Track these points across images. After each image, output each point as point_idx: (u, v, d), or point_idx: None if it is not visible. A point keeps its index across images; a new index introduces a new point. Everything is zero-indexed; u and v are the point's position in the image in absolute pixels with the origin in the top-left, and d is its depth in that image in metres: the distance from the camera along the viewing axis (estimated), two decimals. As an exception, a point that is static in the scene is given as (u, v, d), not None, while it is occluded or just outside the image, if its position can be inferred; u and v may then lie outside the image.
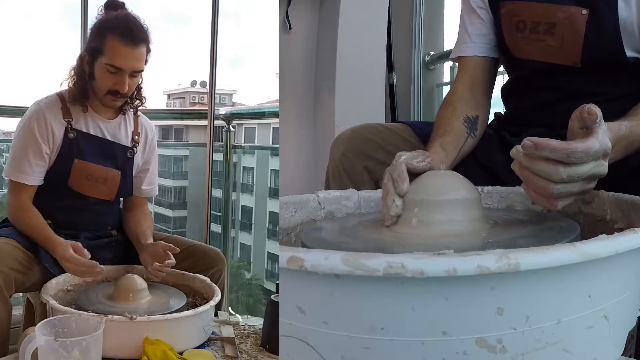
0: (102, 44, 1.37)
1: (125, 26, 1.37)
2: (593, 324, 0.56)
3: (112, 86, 1.39)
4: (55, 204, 1.43)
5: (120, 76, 1.38)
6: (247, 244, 3.96)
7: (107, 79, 1.39)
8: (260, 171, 3.70)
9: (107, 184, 1.46)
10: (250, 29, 9.41)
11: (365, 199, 1.04)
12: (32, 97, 1.47)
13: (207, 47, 2.22)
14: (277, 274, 2.73)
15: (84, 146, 1.43)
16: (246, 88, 10.95)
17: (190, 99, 10.87)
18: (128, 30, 1.37)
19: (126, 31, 1.37)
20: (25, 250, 1.32)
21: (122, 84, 1.38)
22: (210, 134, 2.25)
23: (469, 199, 0.78)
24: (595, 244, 0.53)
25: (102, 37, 1.38)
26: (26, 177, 1.39)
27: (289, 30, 2.24)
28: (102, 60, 1.37)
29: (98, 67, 1.39)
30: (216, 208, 2.41)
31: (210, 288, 1.37)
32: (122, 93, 1.40)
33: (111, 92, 1.40)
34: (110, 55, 1.37)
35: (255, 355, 1.20)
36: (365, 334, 0.53)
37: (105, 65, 1.37)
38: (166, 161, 6.10)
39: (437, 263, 0.49)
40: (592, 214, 0.88)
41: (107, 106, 1.45)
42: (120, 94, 1.40)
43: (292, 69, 2.27)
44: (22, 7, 8.37)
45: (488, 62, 1.24)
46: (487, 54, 1.24)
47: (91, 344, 0.97)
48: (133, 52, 1.37)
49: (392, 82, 2.40)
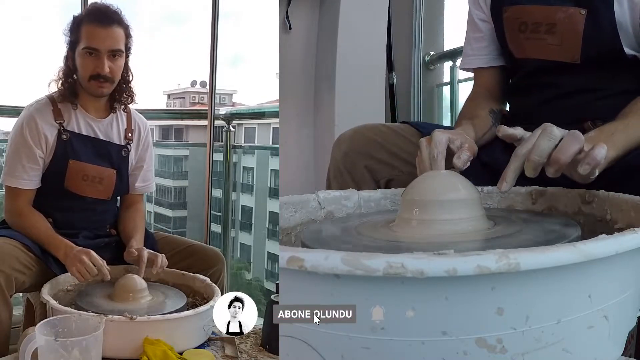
0: (78, 33, 1.41)
1: (96, 11, 1.43)
2: (593, 324, 0.56)
3: (93, 70, 1.41)
4: (54, 205, 1.43)
5: (98, 58, 1.40)
6: (247, 244, 3.96)
7: (87, 64, 1.41)
8: (260, 171, 3.70)
9: (103, 183, 1.47)
10: (250, 29, 9.43)
11: (365, 199, 1.04)
12: (33, 97, 1.48)
13: (207, 47, 2.22)
14: (277, 274, 2.73)
15: (77, 147, 1.43)
16: (246, 88, 10.98)
17: (190, 99, 10.86)
18: (99, 12, 1.42)
19: (97, 14, 1.42)
20: (26, 250, 1.32)
21: (101, 65, 1.40)
22: (210, 134, 2.25)
23: (469, 199, 0.78)
24: (595, 244, 0.53)
25: (77, 27, 1.42)
26: (20, 181, 1.40)
27: (289, 30, 2.24)
28: (80, 47, 1.41)
29: (78, 56, 1.42)
30: (216, 208, 2.41)
31: (210, 288, 1.37)
32: (103, 75, 1.41)
33: (93, 76, 1.41)
34: (85, 39, 1.40)
35: (255, 355, 1.20)
36: (365, 334, 0.53)
37: (83, 51, 1.40)
38: (166, 161, 6.10)
39: (437, 263, 0.49)
40: (592, 214, 0.88)
41: (95, 94, 1.45)
42: (102, 76, 1.41)
43: (292, 69, 2.27)
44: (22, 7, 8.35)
45: (497, 70, 1.30)
46: (493, 63, 1.30)
47: (91, 344, 0.97)
48: (107, 32, 1.40)
49: (392, 82, 2.40)
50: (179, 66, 12.52)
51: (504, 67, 1.30)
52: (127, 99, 1.52)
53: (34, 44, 11.80)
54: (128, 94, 1.51)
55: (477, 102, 1.26)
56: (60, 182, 1.42)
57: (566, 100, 1.15)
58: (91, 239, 1.47)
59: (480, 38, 1.29)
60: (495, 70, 1.30)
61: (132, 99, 1.53)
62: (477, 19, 1.29)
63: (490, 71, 1.30)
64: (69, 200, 1.44)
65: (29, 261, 1.31)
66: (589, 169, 0.80)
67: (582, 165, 0.80)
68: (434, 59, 2.47)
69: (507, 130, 0.88)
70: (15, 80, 3.89)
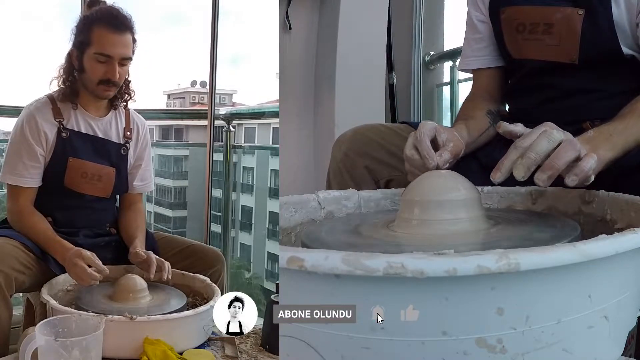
0: (89, 35, 1.40)
1: (110, 15, 1.41)
2: (593, 324, 0.56)
3: (104, 75, 1.40)
4: (53, 203, 1.44)
5: (110, 64, 1.40)
6: (247, 244, 3.96)
7: (97, 69, 1.40)
8: (260, 171, 3.70)
9: (102, 181, 1.47)
10: (250, 29, 9.44)
11: (365, 199, 1.04)
12: (33, 97, 1.48)
13: (207, 47, 2.22)
14: (277, 274, 2.73)
15: (77, 144, 1.44)
16: (246, 88, 10.99)
17: (190, 99, 10.86)
18: (113, 18, 1.40)
19: (111, 19, 1.40)
20: (26, 250, 1.32)
21: (113, 71, 1.40)
22: (210, 134, 2.25)
23: (469, 199, 0.78)
24: (595, 244, 0.53)
25: (88, 29, 1.40)
26: (22, 179, 1.40)
27: (289, 30, 2.24)
28: (91, 51, 1.40)
29: (87, 59, 1.41)
30: (216, 208, 2.41)
31: (211, 288, 1.37)
32: (113, 81, 1.41)
33: (103, 81, 1.41)
34: (98, 44, 1.39)
35: (255, 355, 1.20)
36: (365, 334, 0.53)
37: (95, 55, 1.39)
38: (166, 161, 6.10)
39: (437, 263, 0.49)
40: (592, 214, 0.88)
41: (100, 97, 1.45)
42: (112, 82, 1.41)
43: (292, 69, 2.27)
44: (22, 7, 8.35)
45: (496, 71, 1.30)
46: (492, 64, 1.29)
47: (91, 344, 0.97)
48: (120, 39, 1.40)
49: (392, 82, 2.40)
50: (179, 66, 12.52)
51: (503, 68, 1.30)
52: (127, 98, 1.52)
53: (34, 44, 11.80)
54: (127, 93, 1.52)
55: (474, 103, 1.26)
56: (60, 180, 1.42)
57: (565, 101, 1.15)
58: (91, 237, 1.47)
59: (479, 39, 1.29)
60: (494, 71, 1.30)
61: (132, 97, 1.54)
62: (476, 20, 1.29)
63: (489, 72, 1.30)
64: (69, 198, 1.44)
65: (29, 261, 1.31)
66: (576, 180, 0.80)
67: (569, 177, 0.80)
68: (434, 59, 2.47)
69: (507, 126, 0.88)
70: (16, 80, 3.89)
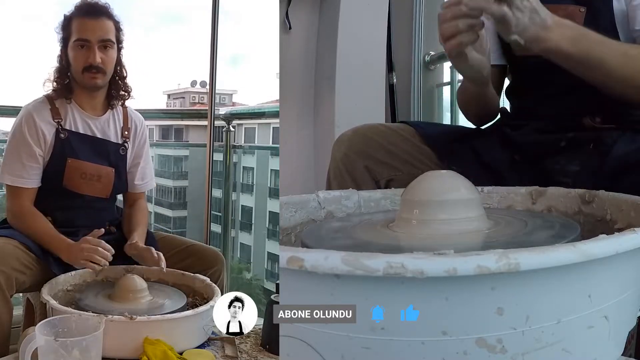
0: (69, 28, 1.45)
1: (85, 5, 1.47)
2: (593, 324, 0.56)
3: (85, 61, 1.43)
4: (53, 204, 1.44)
5: (89, 49, 1.42)
6: (247, 244, 3.96)
7: (79, 57, 1.43)
8: (260, 171, 3.70)
9: (101, 182, 1.47)
10: (250, 29, 9.43)
11: (365, 199, 1.04)
12: (32, 97, 1.49)
13: (207, 47, 2.22)
14: (277, 274, 2.73)
15: (76, 145, 1.44)
16: (246, 88, 10.99)
17: (190, 99, 10.87)
18: (88, 6, 1.46)
19: (86, 8, 1.46)
20: (26, 250, 1.32)
21: (93, 55, 1.42)
22: (210, 134, 2.25)
23: (469, 199, 0.78)
24: (595, 244, 0.53)
25: (68, 23, 1.45)
26: (21, 179, 1.40)
27: (289, 30, 2.24)
28: (71, 40, 1.44)
29: (70, 50, 1.45)
30: (216, 208, 2.41)
31: (211, 288, 1.37)
32: (96, 66, 1.43)
33: (86, 68, 1.43)
34: (76, 32, 1.44)
35: (255, 355, 1.20)
36: (365, 334, 0.53)
37: (74, 43, 1.43)
38: (166, 161, 6.11)
39: (437, 263, 0.49)
40: (592, 214, 0.88)
41: (89, 86, 1.46)
42: (94, 67, 1.43)
43: (292, 69, 2.26)
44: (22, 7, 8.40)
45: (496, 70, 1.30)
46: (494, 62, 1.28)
47: (91, 344, 0.97)
48: (96, 23, 1.43)
49: (392, 82, 2.40)
50: (179, 66, 12.54)
51: (503, 66, 1.30)
52: (124, 95, 1.52)
53: (34, 44, 11.81)
54: (124, 90, 1.52)
55: None
56: (59, 181, 1.43)
57: (566, 97, 1.15)
58: (91, 237, 1.47)
59: None
60: (494, 69, 1.29)
61: (129, 94, 1.54)
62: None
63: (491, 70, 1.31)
64: (68, 198, 1.44)
65: (29, 261, 1.31)
66: None
67: None
68: (434, 59, 2.47)
69: None
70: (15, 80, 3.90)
